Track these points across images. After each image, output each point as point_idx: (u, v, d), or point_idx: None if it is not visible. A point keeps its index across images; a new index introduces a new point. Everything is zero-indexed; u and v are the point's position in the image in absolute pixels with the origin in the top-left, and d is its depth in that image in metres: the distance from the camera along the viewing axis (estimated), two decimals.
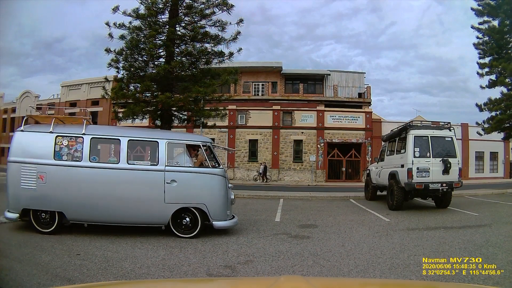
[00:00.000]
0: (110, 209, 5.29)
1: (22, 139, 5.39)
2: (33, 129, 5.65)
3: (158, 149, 5.43)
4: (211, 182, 5.59)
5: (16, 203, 5.27)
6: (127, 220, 5.44)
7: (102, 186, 5.28)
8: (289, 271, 3.88)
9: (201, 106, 15.29)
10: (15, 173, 5.24)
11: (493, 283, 3.30)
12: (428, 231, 6.19)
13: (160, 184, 5.30)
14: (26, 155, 5.25)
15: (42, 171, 5.19)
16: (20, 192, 5.22)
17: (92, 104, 29.36)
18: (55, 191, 5.21)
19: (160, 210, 5.33)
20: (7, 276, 3.47)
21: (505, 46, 16.45)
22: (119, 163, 5.37)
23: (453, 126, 9.45)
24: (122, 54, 14.01)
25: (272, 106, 26.45)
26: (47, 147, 5.29)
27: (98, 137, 5.60)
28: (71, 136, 5.40)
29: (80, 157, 5.31)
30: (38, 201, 5.21)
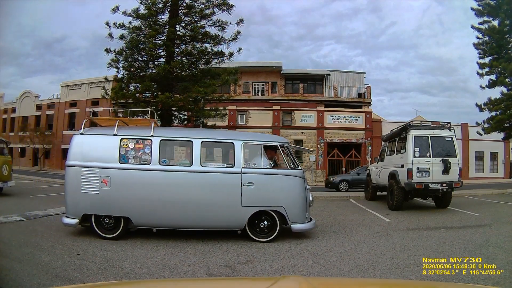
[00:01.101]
0: (181, 213, 5.06)
1: (82, 142, 5.20)
2: (94, 132, 5.51)
3: (234, 150, 5.20)
4: (289, 184, 5.33)
5: (76, 208, 5.08)
6: (200, 225, 5.19)
7: (173, 190, 5.06)
8: (289, 271, 3.88)
9: (201, 106, 15.29)
10: (75, 177, 5.05)
11: (493, 283, 3.30)
12: (428, 231, 6.18)
13: (236, 186, 5.07)
14: (87, 159, 5.07)
15: (106, 175, 4.98)
16: (80, 197, 5.02)
17: (92, 104, 29.34)
18: (121, 196, 5.00)
19: (236, 214, 5.09)
20: (7, 276, 3.47)
21: (505, 46, 16.45)
22: (192, 166, 5.13)
23: (453, 126, 9.45)
24: (122, 54, 14.02)
25: (272, 106, 26.45)
26: (111, 150, 5.09)
27: (168, 139, 5.43)
28: (138, 139, 5.19)
29: (149, 160, 5.08)
30: (101, 206, 5.01)
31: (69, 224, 5.17)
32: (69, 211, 5.17)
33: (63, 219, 5.27)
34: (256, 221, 5.20)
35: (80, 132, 5.29)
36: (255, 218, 5.17)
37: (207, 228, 5.25)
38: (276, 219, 5.19)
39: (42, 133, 29.99)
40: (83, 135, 5.27)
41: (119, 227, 5.09)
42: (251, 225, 5.18)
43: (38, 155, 31.04)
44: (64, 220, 5.24)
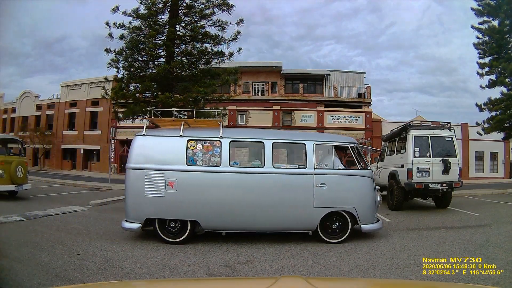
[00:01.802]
0: (252, 216, 4.94)
1: (145, 144, 5.06)
2: (157, 133, 5.38)
3: (306, 151, 5.13)
4: (360, 184, 5.29)
5: (138, 212, 4.92)
6: (271, 227, 5.08)
7: (245, 192, 4.95)
8: (289, 271, 3.88)
9: (201, 106, 15.30)
10: (138, 180, 4.90)
11: (493, 283, 3.30)
12: (428, 231, 6.18)
13: (309, 188, 4.99)
14: (151, 161, 4.92)
15: (172, 178, 4.83)
16: (143, 200, 4.86)
17: (92, 104, 29.37)
18: (189, 199, 4.86)
19: (309, 215, 5.01)
20: (7, 276, 3.47)
21: (505, 46, 16.44)
22: (264, 167, 5.01)
23: (453, 126, 9.45)
24: (122, 54, 14.02)
25: (272, 106, 26.45)
26: (177, 152, 4.96)
27: (238, 140, 5.34)
28: (206, 140, 5.07)
29: (219, 162, 4.97)
30: (166, 210, 4.88)
31: (130, 229, 5.00)
32: (130, 215, 4.99)
33: (123, 223, 5.05)
34: (326, 222, 5.13)
35: (142, 134, 5.13)
36: (325, 219, 5.10)
37: (278, 230, 5.16)
38: (348, 220, 5.13)
39: (42, 133, 29.99)
40: (145, 137, 5.11)
41: (186, 231, 4.95)
42: (323, 226, 5.13)
43: (38, 155, 31.03)
44: (124, 225, 5.03)
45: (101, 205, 9.13)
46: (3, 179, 8.93)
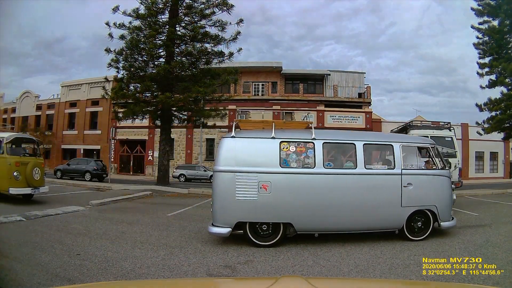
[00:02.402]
0: (343, 216, 4.98)
1: (235, 146, 4.94)
2: (247, 135, 5.25)
3: (394, 152, 5.22)
4: (440, 183, 5.41)
5: (229, 216, 4.81)
6: (360, 227, 5.14)
7: (338, 193, 4.95)
8: (289, 271, 3.88)
9: (201, 106, 15.31)
10: (228, 183, 4.80)
11: (493, 283, 3.30)
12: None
13: (397, 188, 5.07)
14: (242, 164, 4.83)
15: (266, 180, 4.75)
16: (234, 204, 4.76)
17: (92, 104, 29.39)
18: (282, 201, 4.79)
19: (396, 214, 5.08)
20: (7, 276, 3.47)
21: (505, 46, 16.45)
22: (356, 168, 5.04)
23: (453, 126, 9.47)
24: (122, 54, 14.05)
25: (272, 106, 26.46)
26: (270, 154, 4.89)
27: (330, 141, 5.29)
28: (299, 142, 5.01)
29: (312, 164, 4.92)
30: (259, 213, 4.79)
31: (219, 233, 4.88)
32: (219, 219, 4.87)
33: (211, 228, 4.92)
34: (410, 221, 5.20)
35: (231, 136, 5.02)
36: (409, 218, 5.18)
37: (366, 229, 5.23)
38: (431, 218, 5.25)
39: (42, 133, 29.97)
40: (234, 139, 5.00)
41: (278, 234, 4.87)
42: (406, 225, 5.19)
43: None
44: (212, 229, 4.92)
45: (101, 205, 9.13)
46: (18, 182, 8.36)
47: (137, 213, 8.00)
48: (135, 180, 21.27)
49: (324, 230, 5.07)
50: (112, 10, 13.68)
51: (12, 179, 8.24)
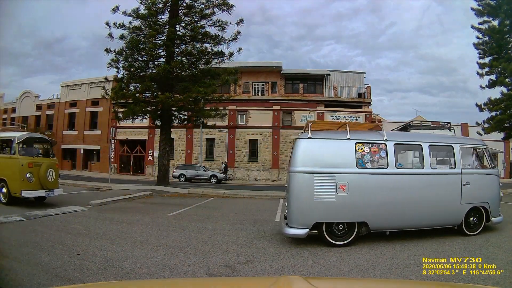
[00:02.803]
0: (411, 214, 5.15)
1: (311, 147, 5.00)
2: (322, 136, 5.30)
3: (454, 153, 5.51)
4: (492, 182, 5.81)
5: (307, 217, 4.84)
6: (425, 224, 5.35)
7: (408, 192, 5.13)
8: (289, 271, 3.88)
9: (201, 106, 15.31)
10: (306, 184, 4.83)
11: (493, 283, 3.30)
12: (428, 231, 6.18)
13: (457, 186, 5.36)
14: (320, 164, 4.88)
15: (344, 181, 4.83)
16: (313, 205, 4.81)
17: (92, 104, 29.39)
18: (358, 201, 4.89)
19: (457, 210, 5.37)
20: (7, 276, 3.47)
21: (505, 46, 16.45)
22: (423, 168, 5.28)
23: (453, 126, 9.45)
24: (122, 54, 14.04)
25: (272, 106, 26.46)
26: (346, 155, 4.98)
27: (400, 143, 5.47)
28: (372, 143, 5.13)
29: (385, 164, 5.07)
30: (336, 213, 4.86)
31: (296, 235, 4.89)
32: (296, 220, 4.87)
33: (287, 230, 4.91)
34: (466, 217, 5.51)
35: (308, 137, 5.03)
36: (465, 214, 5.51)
37: (429, 226, 5.43)
38: (483, 214, 5.57)
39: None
40: (310, 140, 5.02)
41: (352, 233, 4.95)
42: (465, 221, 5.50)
43: None
44: (288, 231, 4.90)
45: (101, 205, 9.13)
46: (32, 184, 7.97)
47: (137, 213, 8.00)
48: (135, 180, 21.27)
49: (395, 228, 5.23)
50: (112, 10, 13.66)
51: (25, 181, 7.88)
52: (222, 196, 12.49)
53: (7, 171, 8.07)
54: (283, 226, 5.14)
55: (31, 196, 8.23)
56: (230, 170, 25.08)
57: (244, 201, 11.26)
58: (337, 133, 5.56)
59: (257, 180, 25.00)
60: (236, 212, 8.52)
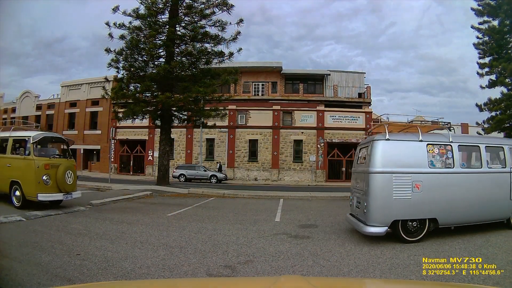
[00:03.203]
0: (471, 210, 5.49)
1: (389, 148, 5.23)
2: (398, 137, 5.55)
3: (504, 153, 5.92)
4: None
5: (386, 216, 5.05)
6: (481, 219, 5.70)
7: (469, 190, 5.50)
8: (289, 271, 3.88)
9: (201, 106, 15.32)
10: (385, 184, 5.05)
11: (493, 283, 3.30)
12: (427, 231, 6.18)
13: (507, 183, 5.76)
14: (397, 165, 5.13)
15: (418, 180, 5.12)
16: (392, 203, 5.04)
17: (92, 104, 29.40)
18: (430, 199, 5.18)
19: (506, 206, 5.78)
20: (7, 276, 3.47)
21: (505, 46, 16.44)
22: (482, 167, 5.72)
23: (453, 126, 9.44)
24: (122, 54, 14.04)
25: (272, 106, 26.47)
26: (420, 156, 5.27)
27: (463, 144, 5.87)
28: (441, 144, 5.50)
29: (452, 164, 5.45)
30: (411, 211, 5.10)
31: (377, 233, 5.08)
32: (376, 219, 5.08)
33: (367, 228, 5.11)
34: None
35: (386, 138, 5.27)
36: None
37: (483, 221, 5.75)
38: None
39: None
40: (388, 141, 5.27)
41: (423, 230, 5.20)
42: None
43: None
44: (368, 229, 5.10)
45: (101, 205, 9.13)
46: (48, 187, 7.50)
47: (137, 213, 8.00)
48: (135, 180, 21.27)
49: (458, 223, 5.57)
50: (112, 10, 13.67)
51: (41, 184, 7.38)
52: (222, 196, 12.49)
53: (21, 173, 7.56)
54: (359, 225, 5.35)
55: (47, 200, 7.72)
56: (225, 171, 25.03)
57: (244, 201, 11.26)
58: (409, 135, 5.78)
59: (257, 180, 25.00)
60: (236, 212, 8.52)
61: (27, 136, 7.91)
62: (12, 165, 7.83)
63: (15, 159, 7.86)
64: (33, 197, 7.42)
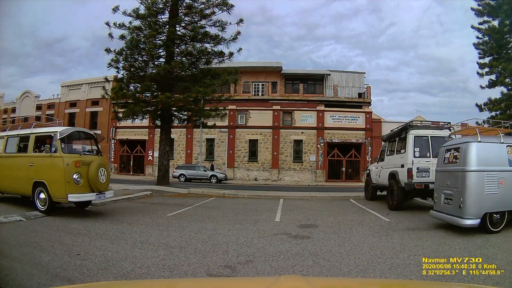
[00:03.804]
0: None
1: (480, 149, 5.90)
2: (486, 140, 6.15)
3: None
4: None
5: (480, 209, 5.69)
6: None
7: None
8: (289, 271, 3.88)
9: (201, 106, 15.32)
10: (479, 181, 5.73)
11: (493, 283, 3.30)
12: (428, 231, 6.18)
13: None
14: (487, 164, 5.83)
15: (502, 177, 5.80)
16: (484, 198, 5.72)
17: (92, 104, 29.40)
18: (510, 193, 5.82)
19: None
20: (7, 276, 3.47)
21: (505, 46, 16.47)
22: None
23: (453, 126, 9.45)
24: (122, 54, 14.04)
25: (272, 106, 26.47)
26: (502, 155, 5.96)
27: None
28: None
29: None
30: (498, 204, 5.78)
31: (472, 225, 5.67)
32: (472, 213, 5.70)
33: (464, 221, 5.66)
34: None
35: (478, 140, 5.93)
36: None
37: None
38: None
39: None
40: (480, 143, 5.93)
41: (503, 221, 5.84)
42: None
43: None
44: (465, 222, 5.66)
45: (101, 205, 9.12)
46: (79, 186, 6.83)
47: (137, 213, 8.00)
48: (135, 180, 21.27)
49: None
50: (112, 10, 13.68)
51: (71, 183, 6.70)
52: (222, 196, 12.49)
53: (47, 173, 6.89)
54: (454, 219, 5.87)
55: (79, 201, 7.14)
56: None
57: (244, 201, 11.26)
58: (493, 137, 6.40)
59: (257, 180, 25.01)
60: (236, 212, 8.52)
61: (53, 132, 7.20)
62: (35, 165, 7.12)
63: (39, 157, 7.15)
64: (62, 198, 6.75)
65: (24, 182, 7.22)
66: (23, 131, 8.01)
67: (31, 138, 7.50)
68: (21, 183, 7.36)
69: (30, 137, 7.52)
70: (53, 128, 7.81)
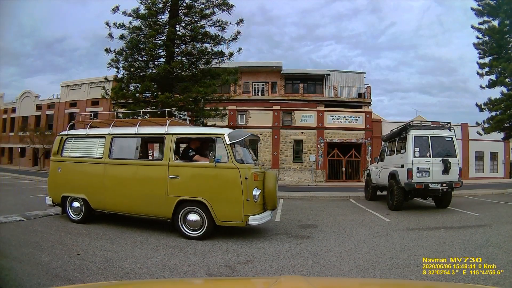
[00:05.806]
0: None
1: None
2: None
3: None
4: None
5: None
6: None
7: None
8: (289, 271, 3.88)
9: (201, 106, 15.32)
10: None
11: (493, 283, 3.30)
12: (428, 231, 6.19)
13: None
14: None
15: None
16: None
17: (92, 104, 29.39)
18: None
19: None
20: (7, 276, 3.47)
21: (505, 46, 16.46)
22: None
23: (453, 126, 9.46)
24: (122, 54, 14.05)
25: (272, 106, 26.46)
26: None
27: None
28: None
29: None
30: None
31: None
32: None
33: None
34: None
35: None
36: None
37: None
38: None
39: (42, 133, 30.01)
40: None
41: None
42: None
43: (38, 155, 31.06)
44: None
45: None
46: (256, 204, 5.35)
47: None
48: None
49: None
50: (112, 10, 13.68)
51: (251, 202, 5.19)
52: None
53: (210, 189, 5.26)
54: None
55: (260, 223, 5.43)
56: None
57: None
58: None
59: None
60: None
61: (218, 134, 5.41)
62: (182, 177, 5.39)
63: (196, 168, 5.48)
64: (237, 221, 5.22)
65: (157, 200, 5.50)
66: (155, 130, 6.12)
67: (167, 140, 5.58)
68: (150, 202, 5.61)
69: (165, 139, 5.62)
70: (217, 129, 5.89)
